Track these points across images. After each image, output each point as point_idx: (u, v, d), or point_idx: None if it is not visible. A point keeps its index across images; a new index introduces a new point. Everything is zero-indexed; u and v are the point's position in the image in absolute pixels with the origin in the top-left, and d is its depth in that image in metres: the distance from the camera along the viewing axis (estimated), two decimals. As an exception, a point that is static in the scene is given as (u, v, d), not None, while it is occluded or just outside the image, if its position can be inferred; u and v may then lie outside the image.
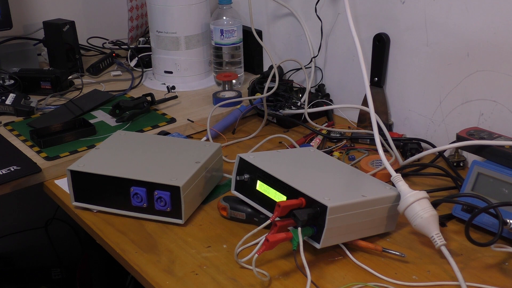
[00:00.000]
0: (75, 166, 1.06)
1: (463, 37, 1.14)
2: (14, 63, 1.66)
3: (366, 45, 1.32)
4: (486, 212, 0.92)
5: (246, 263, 0.90)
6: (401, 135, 1.28)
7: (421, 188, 1.05)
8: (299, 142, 1.29)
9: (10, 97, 1.44)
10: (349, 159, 1.24)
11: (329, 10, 1.41)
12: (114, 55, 1.75)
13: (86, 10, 1.88)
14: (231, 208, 1.03)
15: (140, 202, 1.03)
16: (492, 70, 1.11)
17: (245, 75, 1.63)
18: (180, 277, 0.90)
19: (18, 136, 1.32)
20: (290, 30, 1.55)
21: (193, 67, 1.59)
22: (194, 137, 1.36)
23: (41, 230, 1.82)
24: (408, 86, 1.28)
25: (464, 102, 1.17)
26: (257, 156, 1.03)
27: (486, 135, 1.05)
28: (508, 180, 0.96)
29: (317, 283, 0.86)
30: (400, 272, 0.90)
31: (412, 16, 1.22)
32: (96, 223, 1.05)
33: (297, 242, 0.87)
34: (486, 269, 0.91)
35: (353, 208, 0.91)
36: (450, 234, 0.99)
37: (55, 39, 1.65)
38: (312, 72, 1.48)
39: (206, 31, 1.57)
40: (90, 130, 1.32)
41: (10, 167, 1.16)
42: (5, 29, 1.63)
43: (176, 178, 1.01)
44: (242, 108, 1.40)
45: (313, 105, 1.38)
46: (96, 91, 1.55)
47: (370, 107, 1.12)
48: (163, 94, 1.49)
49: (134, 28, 1.76)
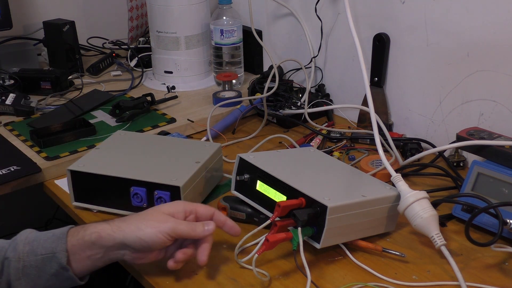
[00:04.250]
0: (75, 166, 1.06)
1: (463, 37, 1.14)
2: (14, 63, 1.66)
3: (366, 45, 1.32)
4: (486, 212, 0.92)
5: (246, 263, 0.90)
6: (401, 135, 1.28)
7: (421, 188, 1.05)
8: (299, 142, 1.29)
9: (10, 97, 1.44)
10: (349, 159, 1.24)
11: (329, 10, 1.41)
12: (114, 55, 1.75)
13: (86, 10, 1.88)
14: (231, 208, 1.03)
15: (140, 202, 1.03)
16: (492, 70, 1.11)
17: (245, 75, 1.63)
18: (180, 277, 0.90)
19: (18, 136, 1.32)
20: (290, 30, 1.55)
21: (193, 67, 1.59)
22: (194, 137, 1.36)
23: (41, 230, 1.82)
24: (408, 86, 1.28)
25: (464, 102, 1.17)
26: (257, 156, 1.03)
27: (486, 135, 1.04)
28: (508, 180, 0.96)
29: (317, 283, 0.86)
30: (400, 272, 0.90)
31: (412, 16, 1.22)
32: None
33: (297, 242, 0.86)
34: (486, 269, 0.91)
35: (353, 208, 0.91)
36: (450, 234, 0.99)
37: (55, 39, 1.65)
38: (312, 72, 1.48)
39: (206, 31, 1.57)
40: (90, 130, 1.32)
41: (10, 167, 1.16)
42: (5, 29, 1.63)
43: (176, 178, 1.01)
44: (242, 108, 1.40)
45: (313, 105, 1.38)
46: (96, 91, 1.55)
47: (370, 107, 1.12)
48: (163, 94, 1.49)
49: (134, 28, 1.76)
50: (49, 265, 0.83)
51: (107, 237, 0.84)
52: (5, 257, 0.83)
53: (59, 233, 0.85)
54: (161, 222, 0.84)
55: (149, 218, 0.85)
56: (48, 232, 0.86)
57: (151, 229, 0.83)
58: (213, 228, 0.88)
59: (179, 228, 0.85)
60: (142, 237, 0.83)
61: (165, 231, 0.84)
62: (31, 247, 0.84)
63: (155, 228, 0.84)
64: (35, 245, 0.84)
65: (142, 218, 0.85)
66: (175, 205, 0.89)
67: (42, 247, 0.84)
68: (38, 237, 0.85)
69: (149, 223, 0.84)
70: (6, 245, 0.85)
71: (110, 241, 0.84)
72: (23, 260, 0.83)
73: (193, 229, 0.86)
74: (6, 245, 0.85)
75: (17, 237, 0.86)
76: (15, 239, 0.85)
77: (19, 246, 0.84)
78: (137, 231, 0.83)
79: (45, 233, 0.86)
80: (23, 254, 0.83)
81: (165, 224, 0.84)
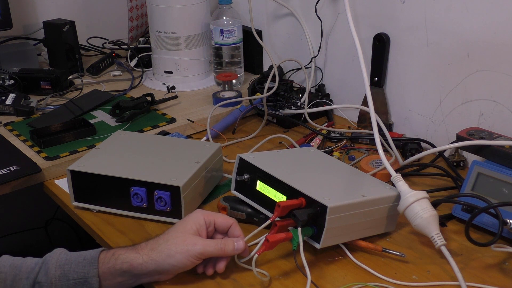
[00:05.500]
0: (75, 166, 1.06)
1: (463, 37, 1.14)
2: (14, 63, 1.66)
3: (366, 45, 1.32)
4: (486, 212, 0.92)
5: (246, 263, 0.90)
6: (401, 135, 1.28)
7: (421, 188, 1.05)
8: (299, 142, 1.29)
9: (10, 97, 1.44)
10: (349, 159, 1.24)
11: (329, 10, 1.41)
12: (114, 55, 1.75)
13: (86, 10, 1.88)
14: (231, 208, 1.03)
15: (140, 202, 1.03)
16: (492, 70, 1.11)
17: (245, 75, 1.63)
18: (180, 277, 0.90)
19: (18, 136, 1.32)
20: (290, 30, 1.55)
21: (193, 67, 1.59)
22: (194, 137, 1.36)
23: (41, 230, 1.82)
24: (408, 86, 1.28)
25: (464, 102, 1.17)
26: (257, 156, 1.03)
27: (486, 135, 1.04)
28: (508, 180, 0.96)
29: (317, 283, 0.86)
30: (400, 272, 0.90)
31: (412, 16, 1.22)
32: (96, 223, 1.05)
33: (297, 242, 0.86)
34: (486, 269, 0.91)
35: (353, 208, 0.91)
36: (450, 234, 0.99)
37: (55, 39, 1.65)
38: (312, 72, 1.48)
39: (206, 31, 1.57)
40: (90, 130, 1.32)
41: (10, 167, 1.16)
42: (5, 29, 1.63)
43: (176, 178, 1.01)
44: (242, 108, 1.40)
45: (313, 105, 1.38)
46: (96, 91, 1.55)
47: (370, 107, 1.12)
48: (163, 94, 1.49)
49: (134, 28, 1.76)
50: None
51: (139, 267, 0.85)
52: (36, 281, 0.84)
53: (90, 258, 0.85)
54: (190, 245, 0.85)
55: (178, 243, 0.86)
56: (79, 255, 0.86)
57: (181, 254, 0.85)
58: (242, 246, 0.88)
59: (208, 251, 0.86)
60: (174, 263, 0.85)
61: (196, 255, 0.85)
62: (63, 271, 0.84)
63: (186, 253, 0.85)
64: (67, 269, 0.84)
65: (171, 244, 0.86)
66: (197, 220, 0.89)
67: (74, 271, 0.84)
68: (69, 260, 0.85)
69: (179, 248, 0.85)
70: (36, 267, 0.85)
71: (143, 270, 0.85)
72: (55, 285, 0.84)
73: (222, 249, 0.87)
74: (36, 267, 0.85)
75: (47, 259, 0.86)
76: (46, 262, 0.85)
77: (51, 270, 0.84)
78: (168, 258, 0.85)
79: (76, 256, 0.86)
80: (55, 279, 0.84)
81: (195, 247, 0.85)
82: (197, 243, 0.86)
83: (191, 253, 0.85)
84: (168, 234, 0.88)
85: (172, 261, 0.85)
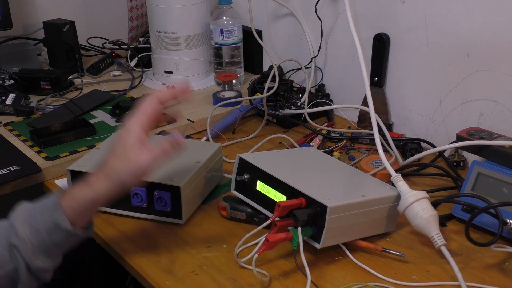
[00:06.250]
0: (75, 166, 1.06)
1: (463, 37, 1.14)
2: (14, 63, 1.66)
3: (366, 45, 1.32)
4: (486, 212, 0.92)
5: (246, 263, 0.90)
6: (401, 135, 1.28)
7: (421, 188, 1.05)
8: (299, 142, 1.29)
9: (10, 97, 1.44)
10: (349, 159, 1.24)
11: (329, 10, 1.41)
12: (114, 55, 1.74)
13: (86, 10, 1.88)
14: (231, 208, 1.03)
15: (140, 202, 1.03)
16: (492, 70, 1.11)
17: (245, 75, 1.63)
18: (180, 277, 0.90)
19: (18, 136, 1.32)
20: (290, 30, 1.55)
21: (193, 67, 1.59)
22: (194, 137, 1.36)
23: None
24: (408, 86, 1.28)
25: (464, 102, 1.17)
26: (257, 156, 1.03)
27: (486, 135, 1.04)
28: (508, 180, 0.96)
29: (317, 283, 0.86)
30: (400, 272, 0.90)
31: (412, 16, 1.22)
32: (96, 223, 1.04)
33: (297, 242, 0.86)
34: (486, 269, 0.91)
35: (353, 208, 0.91)
36: (450, 234, 0.99)
37: (55, 39, 1.65)
38: (312, 72, 1.48)
39: (206, 31, 1.57)
40: (90, 130, 1.32)
41: (10, 167, 1.16)
42: (5, 29, 1.63)
43: (176, 178, 1.01)
44: (242, 108, 1.40)
45: (313, 105, 1.38)
46: (96, 91, 1.55)
47: (370, 107, 1.12)
48: (163, 94, 1.49)
49: (134, 28, 1.76)
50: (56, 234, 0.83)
51: (101, 197, 0.85)
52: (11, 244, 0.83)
53: (51, 204, 0.84)
54: (135, 162, 0.84)
55: (126, 154, 0.85)
56: (40, 205, 0.85)
57: (129, 169, 0.84)
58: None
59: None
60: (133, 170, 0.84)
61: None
62: (31, 226, 0.83)
63: (134, 169, 0.84)
64: (35, 224, 0.84)
65: (118, 164, 0.85)
66: (135, 134, 0.88)
67: (42, 222, 0.83)
68: (33, 214, 0.85)
69: (126, 167, 0.84)
70: (5, 232, 0.84)
71: (107, 196, 0.85)
72: (31, 242, 0.83)
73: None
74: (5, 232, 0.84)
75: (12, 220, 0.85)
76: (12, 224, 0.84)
77: (19, 229, 0.83)
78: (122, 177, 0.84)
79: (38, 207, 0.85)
80: (27, 236, 0.83)
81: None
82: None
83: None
84: (114, 150, 0.86)
85: (131, 167, 0.84)
